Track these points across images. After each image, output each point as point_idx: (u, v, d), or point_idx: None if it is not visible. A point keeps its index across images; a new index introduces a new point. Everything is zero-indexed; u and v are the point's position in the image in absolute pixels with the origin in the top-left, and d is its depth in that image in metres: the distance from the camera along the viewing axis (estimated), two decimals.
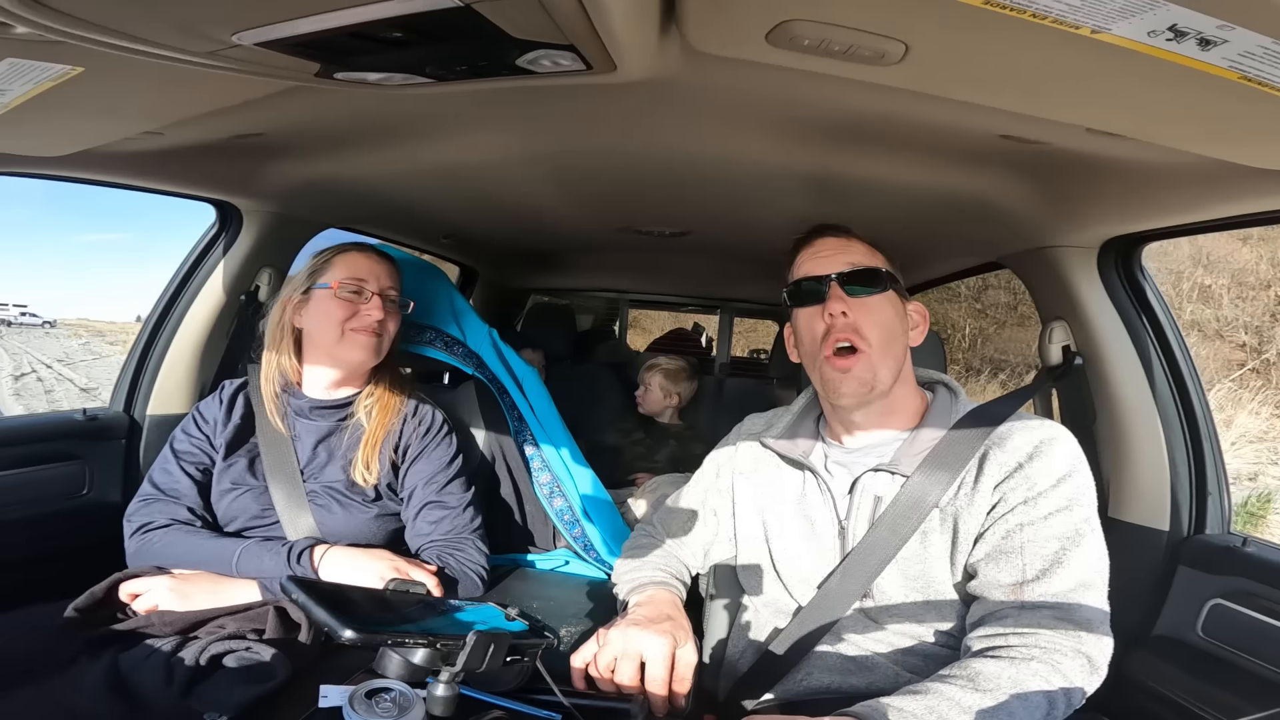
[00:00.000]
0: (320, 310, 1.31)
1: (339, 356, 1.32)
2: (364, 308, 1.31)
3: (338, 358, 1.32)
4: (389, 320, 1.34)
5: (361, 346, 1.30)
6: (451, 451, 1.40)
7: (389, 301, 1.35)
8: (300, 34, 0.62)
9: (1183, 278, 10.94)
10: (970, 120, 1.00)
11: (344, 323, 1.29)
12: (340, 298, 1.30)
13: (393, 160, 1.48)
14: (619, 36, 0.65)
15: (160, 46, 0.64)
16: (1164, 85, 0.61)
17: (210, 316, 1.73)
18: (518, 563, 1.78)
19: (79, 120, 0.97)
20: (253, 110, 0.99)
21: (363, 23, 0.59)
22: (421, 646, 0.65)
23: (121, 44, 0.63)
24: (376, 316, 1.31)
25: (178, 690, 0.90)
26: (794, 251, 1.12)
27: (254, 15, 0.59)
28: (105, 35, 0.61)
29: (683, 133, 1.23)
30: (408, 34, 0.62)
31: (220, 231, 1.72)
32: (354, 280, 1.32)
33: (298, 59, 0.69)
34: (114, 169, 1.34)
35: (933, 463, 0.98)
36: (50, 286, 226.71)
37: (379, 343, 1.33)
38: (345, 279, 1.31)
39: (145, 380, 1.73)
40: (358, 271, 1.33)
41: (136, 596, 1.12)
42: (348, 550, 1.21)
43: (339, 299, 1.30)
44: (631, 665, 0.89)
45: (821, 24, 0.62)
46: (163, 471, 1.29)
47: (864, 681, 0.98)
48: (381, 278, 1.35)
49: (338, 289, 1.30)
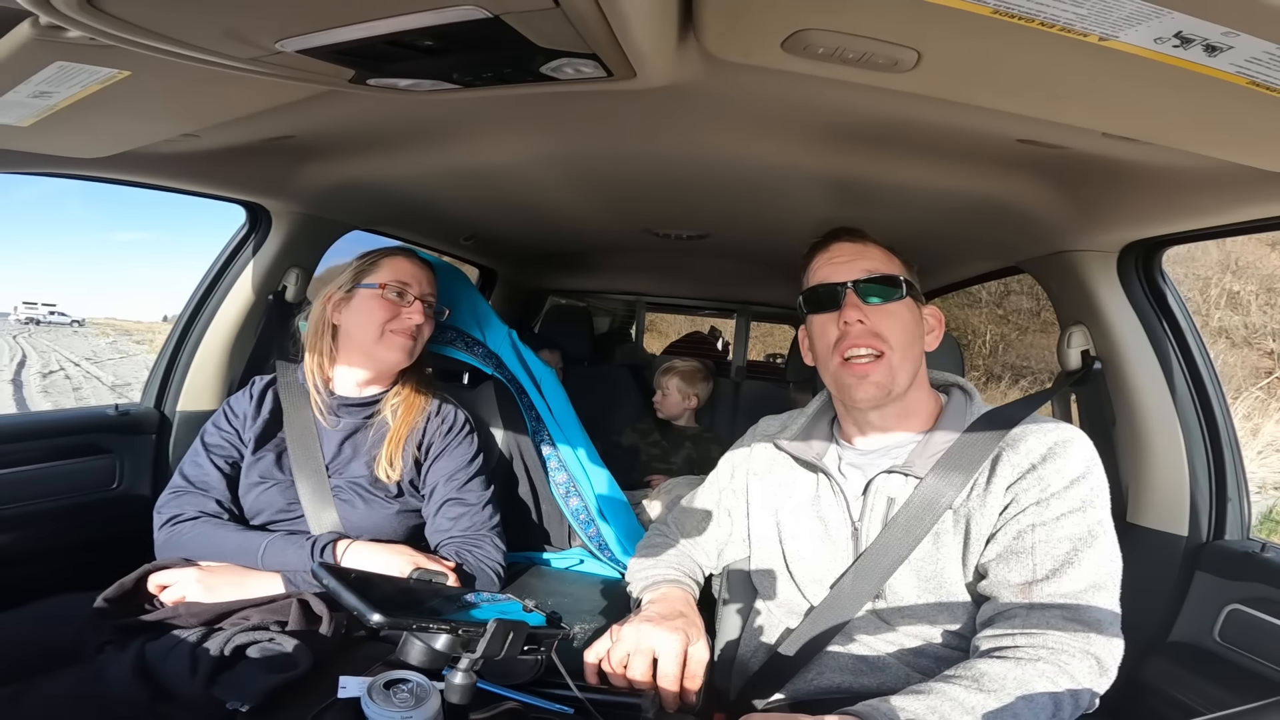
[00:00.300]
0: (363, 309, 1.35)
1: (376, 356, 1.35)
2: (406, 310, 1.35)
3: (375, 357, 1.36)
4: (426, 325, 1.39)
5: (399, 348, 1.34)
6: (473, 450, 1.42)
7: (427, 306, 1.39)
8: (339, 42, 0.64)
9: (1210, 284, 10.72)
10: (988, 124, 1.00)
11: (385, 324, 1.33)
12: (386, 299, 1.34)
13: (418, 163, 1.51)
14: (638, 45, 0.67)
15: (207, 52, 0.67)
16: (1175, 90, 0.62)
17: (239, 315, 1.77)
18: (534, 561, 1.80)
19: (121, 122, 1.00)
20: (286, 114, 1.02)
21: (398, 32, 0.62)
22: (444, 632, 0.67)
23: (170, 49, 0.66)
24: (417, 320, 1.35)
25: (202, 679, 0.92)
26: (810, 256, 1.11)
27: (299, 24, 0.62)
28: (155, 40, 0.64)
29: (702, 137, 1.25)
30: (438, 42, 0.64)
31: (250, 232, 1.76)
32: (399, 283, 1.36)
33: (335, 65, 0.72)
34: (151, 170, 1.38)
35: (946, 464, 0.97)
36: (79, 285, 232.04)
37: (414, 346, 1.37)
38: (392, 281, 1.36)
39: (176, 377, 1.77)
40: (403, 275, 1.37)
41: (164, 588, 1.15)
42: (369, 545, 1.23)
43: (384, 300, 1.34)
44: (644, 661, 0.91)
45: (835, 33, 0.64)
46: (193, 464, 1.32)
47: (875, 682, 0.98)
48: (423, 283, 1.40)
49: (385, 290, 1.34)
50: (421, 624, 0.66)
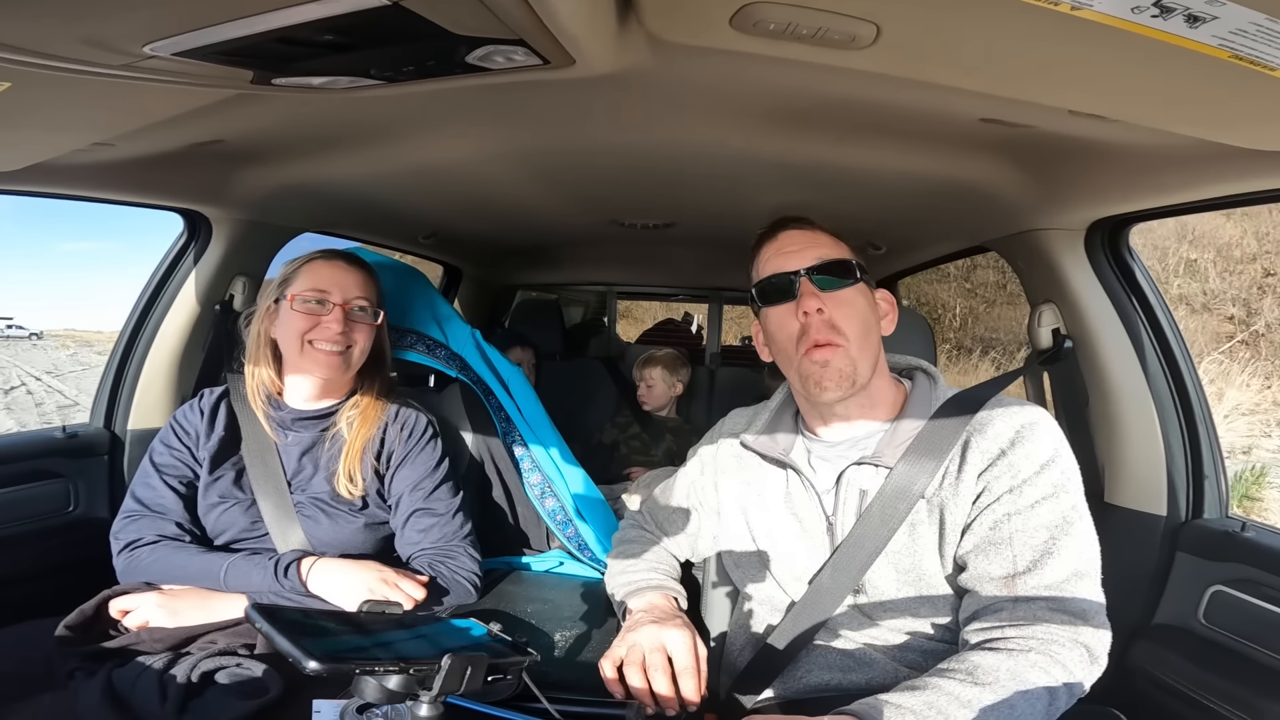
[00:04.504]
0: (286, 320, 1.28)
1: (304, 369, 1.29)
2: (325, 319, 1.26)
3: (304, 370, 1.29)
4: (355, 332, 1.30)
5: (321, 362, 1.27)
6: (437, 456, 1.37)
7: (356, 311, 1.30)
8: (218, 42, 0.58)
9: (1169, 253, 11.00)
10: (950, 104, 0.98)
11: (304, 335, 1.26)
12: (297, 310, 1.26)
13: (364, 162, 1.46)
14: (569, 29, 0.62)
15: (73, 61, 0.61)
16: (1150, 65, 0.59)
17: (185, 327, 1.70)
18: (512, 566, 1.76)
19: (21, 134, 0.94)
20: (207, 118, 0.96)
21: (285, 27, 0.56)
22: (393, 673, 0.63)
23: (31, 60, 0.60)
24: (335, 329, 1.26)
25: (172, 708, 0.91)
26: (757, 247, 1.08)
27: (161, 26, 0.56)
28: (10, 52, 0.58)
29: (658, 125, 1.21)
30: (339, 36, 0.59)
31: (190, 241, 1.69)
32: (315, 291, 1.27)
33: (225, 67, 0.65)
34: (71, 181, 1.31)
35: (916, 452, 0.96)
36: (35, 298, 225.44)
37: (342, 358, 1.29)
38: (305, 290, 1.27)
39: (124, 395, 1.71)
40: (319, 282, 1.28)
41: (127, 613, 1.11)
42: (336, 562, 1.19)
43: (296, 311, 1.26)
44: (661, 657, 0.94)
45: (787, 5, 0.60)
46: (145, 486, 1.26)
47: (863, 678, 0.97)
48: (348, 288, 1.30)
49: (293, 301, 1.26)
50: (367, 666, 0.62)
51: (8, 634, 1.08)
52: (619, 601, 1.15)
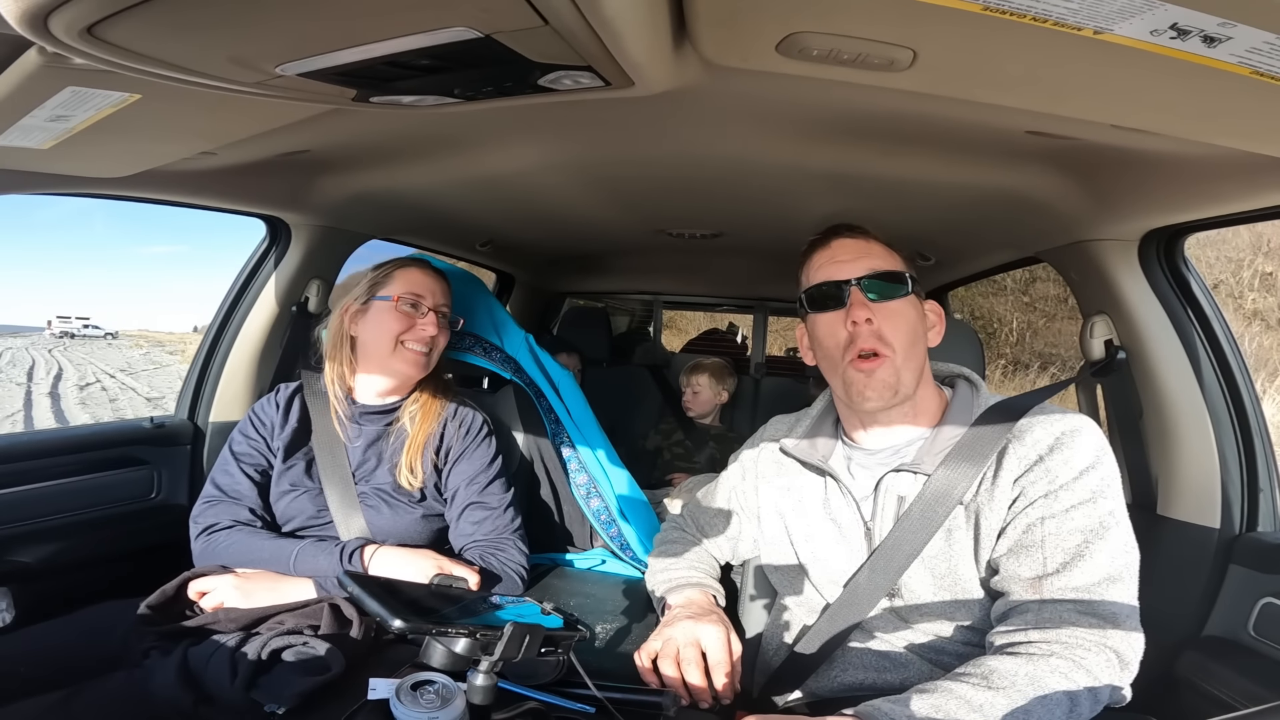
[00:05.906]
0: (377, 321, 1.37)
1: (391, 367, 1.37)
2: (420, 322, 1.37)
3: (389, 368, 1.38)
4: (440, 335, 1.40)
5: (412, 361, 1.37)
6: (492, 453, 1.44)
7: (441, 317, 1.41)
8: (338, 65, 0.66)
9: (1243, 266, 10.36)
10: (995, 118, 0.98)
11: (399, 335, 1.35)
12: (399, 311, 1.36)
13: (432, 172, 1.54)
14: (632, 55, 0.67)
15: (210, 77, 0.70)
16: (1179, 81, 0.60)
17: (265, 327, 1.82)
18: (556, 562, 1.81)
19: (138, 143, 1.03)
20: (298, 130, 1.05)
21: (394, 54, 0.64)
22: (463, 636, 0.69)
23: (173, 75, 0.68)
24: (430, 332, 1.37)
25: (242, 683, 0.96)
26: (809, 253, 1.09)
27: (298, 49, 0.64)
28: (157, 67, 0.66)
29: (709, 139, 1.25)
30: (435, 61, 0.66)
31: (271, 245, 1.81)
32: (413, 295, 1.38)
33: (337, 86, 0.74)
34: (172, 188, 1.42)
35: (955, 458, 0.96)
36: (111, 299, 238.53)
37: (428, 358, 1.39)
38: (405, 293, 1.37)
39: (207, 389, 1.82)
40: (417, 287, 1.39)
41: (204, 594, 1.18)
42: (396, 550, 1.25)
43: (398, 312, 1.36)
44: (695, 651, 0.96)
45: (829, 35, 0.64)
46: (224, 473, 1.35)
47: (898, 678, 0.97)
48: (437, 294, 1.41)
49: (398, 303, 1.36)
50: (440, 629, 0.68)
51: (90, 614, 1.14)
52: (659, 597, 1.17)
